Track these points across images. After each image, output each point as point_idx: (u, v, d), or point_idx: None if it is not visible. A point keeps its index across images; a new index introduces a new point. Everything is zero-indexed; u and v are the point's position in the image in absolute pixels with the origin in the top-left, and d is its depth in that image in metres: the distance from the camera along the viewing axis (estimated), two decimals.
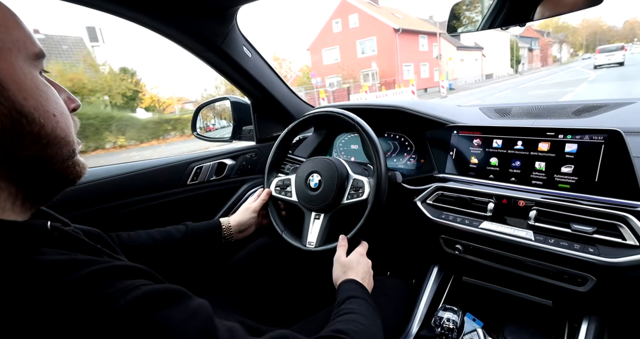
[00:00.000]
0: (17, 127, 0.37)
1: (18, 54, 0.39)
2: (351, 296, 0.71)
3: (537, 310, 0.97)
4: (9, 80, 0.37)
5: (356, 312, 0.65)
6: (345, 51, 27.80)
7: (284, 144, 1.05)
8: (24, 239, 0.37)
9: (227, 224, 0.92)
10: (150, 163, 1.12)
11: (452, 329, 0.89)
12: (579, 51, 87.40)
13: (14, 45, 0.38)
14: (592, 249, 0.73)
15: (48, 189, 0.44)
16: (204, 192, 1.22)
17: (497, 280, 1.02)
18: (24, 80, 0.38)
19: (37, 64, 0.41)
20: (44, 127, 0.39)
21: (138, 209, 1.05)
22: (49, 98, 0.41)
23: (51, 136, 0.40)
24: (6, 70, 0.37)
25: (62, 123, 0.42)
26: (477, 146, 0.95)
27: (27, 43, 0.40)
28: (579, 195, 0.78)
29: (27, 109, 0.38)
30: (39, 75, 0.41)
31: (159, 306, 0.35)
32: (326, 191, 0.89)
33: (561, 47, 76.29)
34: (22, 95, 0.38)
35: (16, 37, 0.39)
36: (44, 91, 0.41)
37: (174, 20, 0.96)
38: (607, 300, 0.80)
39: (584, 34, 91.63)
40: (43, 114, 0.39)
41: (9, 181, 0.39)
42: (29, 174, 0.41)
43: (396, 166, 1.17)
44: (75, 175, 0.45)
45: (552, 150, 0.83)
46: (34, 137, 0.39)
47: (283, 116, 1.38)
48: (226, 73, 1.20)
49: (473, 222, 0.90)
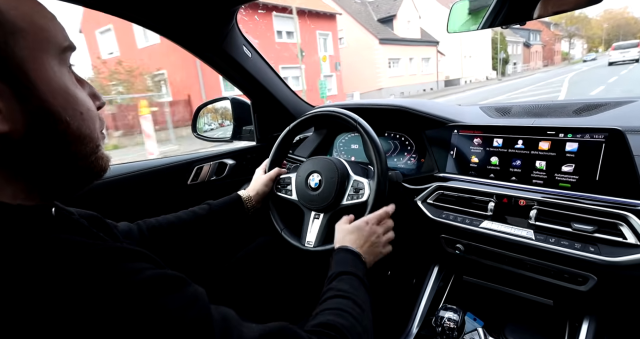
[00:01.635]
0: (44, 125, 0.38)
1: (49, 52, 0.39)
2: (343, 271, 0.67)
3: (538, 309, 0.97)
4: (39, 79, 0.37)
5: (347, 296, 0.61)
6: (124, 36, 14.56)
7: (284, 144, 1.05)
8: (28, 222, 0.38)
9: (247, 195, 0.96)
10: (151, 163, 1.12)
11: (452, 329, 0.89)
12: (599, 47, 75.51)
13: (46, 43, 0.39)
14: (593, 248, 0.73)
15: (70, 184, 0.45)
16: (204, 192, 1.22)
17: (497, 279, 1.01)
18: (53, 79, 0.39)
19: (65, 59, 0.41)
20: (70, 125, 0.40)
21: (139, 209, 1.05)
22: (77, 96, 0.41)
23: (76, 134, 0.41)
24: (37, 70, 0.37)
25: (88, 121, 0.42)
26: (477, 145, 0.95)
27: (58, 38, 0.40)
28: (579, 194, 0.78)
29: (54, 108, 0.38)
30: (67, 72, 0.41)
31: (160, 291, 0.36)
32: (326, 191, 0.89)
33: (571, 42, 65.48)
34: (51, 94, 0.38)
35: (48, 34, 0.39)
36: (72, 89, 0.41)
37: (174, 20, 0.96)
38: (608, 299, 0.80)
39: (606, 28, 79.62)
40: (70, 113, 0.40)
41: (29, 177, 0.40)
42: (52, 170, 0.41)
43: (396, 165, 1.16)
44: (100, 168, 0.46)
45: (552, 149, 0.83)
46: (60, 136, 0.39)
47: (283, 116, 1.38)
48: (226, 73, 1.20)
49: (473, 222, 0.90)
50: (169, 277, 0.38)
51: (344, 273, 0.66)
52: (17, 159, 0.38)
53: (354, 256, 0.72)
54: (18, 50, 0.36)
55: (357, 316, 0.57)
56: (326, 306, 0.58)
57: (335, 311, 0.56)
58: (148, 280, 0.36)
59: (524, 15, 0.72)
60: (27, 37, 0.37)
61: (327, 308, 0.58)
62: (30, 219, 0.38)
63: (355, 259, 0.71)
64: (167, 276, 0.38)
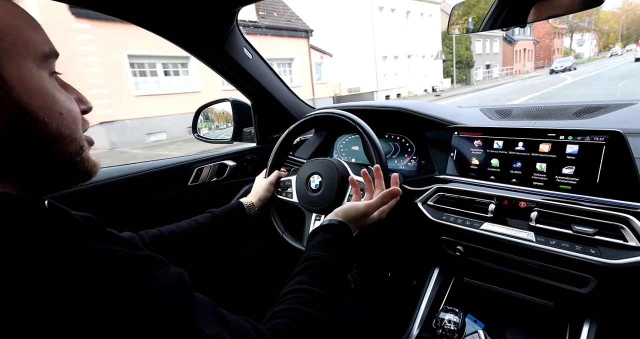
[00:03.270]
0: (21, 125, 0.38)
1: (27, 56, 0.39)
2: (314, 256, 0.62)
3: (539, 311, 0.97)
4: (14, 81, 0.38)
5: (309, 291, 0.55)
6: None
7: (284, 146, 1.05)
8: (20, 212, 0.39)
9: (249, 202, 0.96)
10: (151, 165, 1.12)
11: (453, 331, 0.89)
12: (615, 43, 63.28)
13: (24, 47, 0.39)
14: (594, 250, 0.73)
15: (57, 183, 0.45)
16: (204, 193, 1.22)
17: (498, 281, 1.01)
18: (31, 81, 0.39)
19: (46, 65, 0.42)
20: (48, 125, 0.40)
21: (139, 210, 1.05)
22: (55, 96, 0.42)
23: (56, 134, 0.41)
24: (13, 72, 0.38)
25: (68, 121, 0.42)
26: (477, 147, 0.95)
27: (39, 44, 0.41)
28: (580, 196, 0.78)
29: (30, 107, 0.39)
30: (47, 75, 0.42)
31: (141, 269, 0.37)
32: (327, 192, 0.89)
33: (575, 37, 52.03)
34: (27, 94, 0.39)
35: (27, 39, 0.40)
36: (50, 91, 0.41)
37: (175, 22, 0.96)
38: (609, 302, 0.80)
39: (624, 21, 67.32)
40: (48, 113, 0.40)
41: (14, 176, 0.40)
42: (37, 169, 0.42)
43: (397, 167, 1.16)
44: (84, 171, 0.46)
45: (553, 151, 0.83)
46: (39, 135, 0.40)
47: (284, 117, 1.38)
48: (227, 74, 1.20)
49: (474, 224, 0.90)
50: (148, 257, 0.39)
51: (314, 258, 0.62)
52: (1, 158, 0.39)
53: (333, 229, 0.68)
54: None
55: (314, 322, 0.52)
56: (281, 306, 0.53)
57: (289, 315, 0.51)
58: (129, 258, 0.37)
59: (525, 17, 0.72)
60: (5, 39, 0.37)
61: (281, 308, 0.53)
62: (20, 207, 0.39)
63: (333, 237, 0.67)
64: (146, 257, 0.39)
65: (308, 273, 0.59)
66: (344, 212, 0.73)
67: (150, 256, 0.39)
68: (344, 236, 0.69)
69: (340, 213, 0.73)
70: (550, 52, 44.34)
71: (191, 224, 0.85)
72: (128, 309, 0.33)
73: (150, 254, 0.40)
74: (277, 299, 0.55)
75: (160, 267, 0.39)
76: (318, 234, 0.69)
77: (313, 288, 0.56)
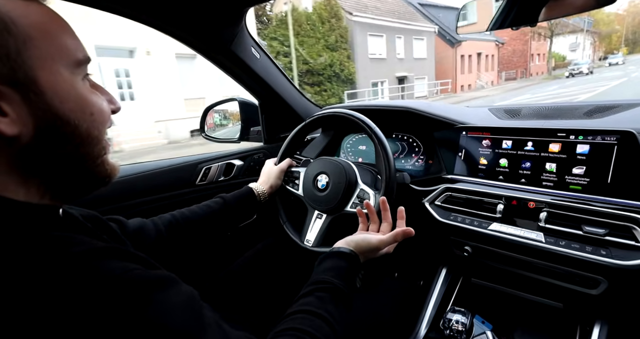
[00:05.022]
0: (52, 128, 0.39)
1: (61, 62, 0.40)
2: (324, 280, 0.61)
3: (548, 313, 0.96)
4: (47, 86, 0.38)
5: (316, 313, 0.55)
6: None
7: (292, 145, 1.05)
8: (35, 220, 0.39)
9: (260, 190, 0.97)
10: (160, 164, 1.13)
11: (461, 332, 0.88)
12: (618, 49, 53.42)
13: (58, 53, 0.40)
14: (604, 251, 0.72)
15: (79, 187, 0.46)
16: (212, 192, 1.23)
17: (506, 282, 1.00)
18: (63, 86, 0.40)
19: (79, 71, 0.42)
20: (78, 127, 0.41)
21: (148, 209, 1.06)
22: (87, 98, 0.42)
23: (84, 135, 0.42)
24: (46, 78, 0.38)
25: (97, 122, 0.43)
26: (486, 147, 0.94)
27: (72, 51, 0.41)
28: (591, 197, 0.77)
29: (62, 111, 0.39)
30: (80, 80, 0.42)
31: (153, 290, 0.36)
32: (332, 194, 0.90)
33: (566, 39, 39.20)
34: (59, 99, 0.39)
35: (61, 45, 0.40)
36: (82, 93, 0.42)
37: (184, 22, 0.97)
38: (620, 303, 0.79)
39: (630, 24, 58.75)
40: (79, 115, 0.41)
41: (40, 179, 0.41)
42: (63, 172, 0.42)
43: (404, 166, 1.16)
44: (105, 174, 0.47)
45: (563, 151, 0.82)
46: (69, 138, 0.41)
47: (291, 117, 1.38)
48: (235, 74, 1.21)
49: (482, 224, 0.89)
50: (160, 277, 0.38)
51: (320, 286, 0.61)
52: (29, 160, 0.39)
53: (341, 259, 0.67)
54: (28, 59, 0.37)
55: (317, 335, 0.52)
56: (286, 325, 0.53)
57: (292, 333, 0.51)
58: (138, 279, 0.36)
59: (536, 14, 0.71)
60: (40, 46, 0.38)
61: (286, 327, 0.53)
62: (36, 217, 0.39)
63: (341, 268, 0.66)
64: (157, 277, 0.38)
65: (316, 296, 0.59)
66: (356, 244, 0.72)
67: (161, 276, 0.39)
68: (354, 266, 0.68)
69: (352, 243, 0.72)
70: (525, 58, 32.65)
71: (203, 209, 0.86)
72: (136, 332, 0.33)
73: (162, 274, 0.39)
74: (282, 318, 0.55)
75: (172, 286, 0.39)
76: (328, 260, 0.68)
77: (320, 311, 0.55)
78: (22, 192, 0.39)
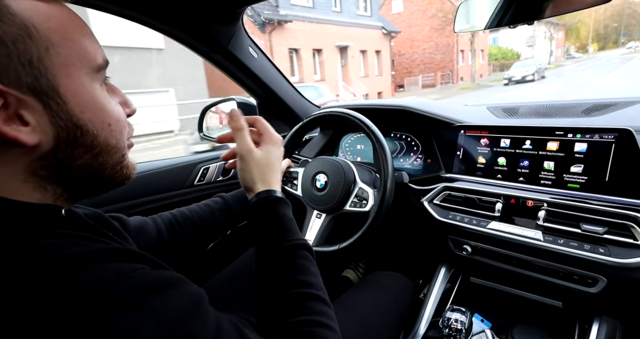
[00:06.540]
0: (72, 138, 0.39)
1: (81, 69, 0.39)
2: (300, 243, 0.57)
3: (547, 311, 0.96)
4: (69, 95, 0.37)
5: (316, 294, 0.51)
6: None
7: (290, 145, 1.05)
8: (38, 220, 0.38)
9: None
10: (158, 164, 1.13)
11: (460, 330, 0.88)
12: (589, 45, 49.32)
13: (79, 59, 0.39)
14: (603, 249, 0.72)
15: (96, 190, 0.46)
16: (210, 192, 1.23)
17: (505, 281, 1.01)
18: (84, 94, 0.39)
19: (99, 76, 0.42)
20: (97, 137, 0.40)
21: (146, 209, 1.06)
22: (106, 108, 0.42)
23: (103, 145, 0.41)
24: (68, 86, 0.37)
25: (115, 131, 0.43)
26: (484, 146, 0.94)
27: (92, 55, 0.40)
28: (589, 195, 0.77)
29: (82, 122, 0.39)
30: (99, 86, 0.41)
31: (154, 292, 0.35)
32: (330, 193, 0.89)
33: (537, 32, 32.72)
34: (80, 108, 0.39)
35: (82, 50, 0.39)
36: (101, 102, 0.41)
37: (181, 22, 0.96)
38: (619, 301, 0.79)
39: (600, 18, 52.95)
40: (98, 125, 0.40)
41: (57, 185, 0.41)
42: (80, 180, 0.42)
43: (403, 166, 1.16)
44: (123, 178, 0.46)
45: (561, 149, 0.82)
46: (87, 148, 0.40)
47: (289, 117, 1.38)
48: (232, 74, 1.20)
49: (481, 223, 0.89)
50: (166, 278, 0.37)
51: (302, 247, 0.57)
52: (46, 168, 0.39)
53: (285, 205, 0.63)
54: (50, 66, 0.36)
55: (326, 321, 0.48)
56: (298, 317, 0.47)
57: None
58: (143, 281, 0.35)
59: (534, 13, 0.71)
60: (61, 52, 0.37)
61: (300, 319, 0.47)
62: (38, 216, 0.39)
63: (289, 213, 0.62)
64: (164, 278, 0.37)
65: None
66: None
67: (171, 277, 0.38)
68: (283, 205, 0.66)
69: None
70: (453, 55, 22.62)
71: (203, 209, 0.85)
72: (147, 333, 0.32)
73: (171, 274, 0.38)
74: None
75: (179, 287, 0.37)
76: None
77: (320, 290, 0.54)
78: (36, 197, 0.39)
